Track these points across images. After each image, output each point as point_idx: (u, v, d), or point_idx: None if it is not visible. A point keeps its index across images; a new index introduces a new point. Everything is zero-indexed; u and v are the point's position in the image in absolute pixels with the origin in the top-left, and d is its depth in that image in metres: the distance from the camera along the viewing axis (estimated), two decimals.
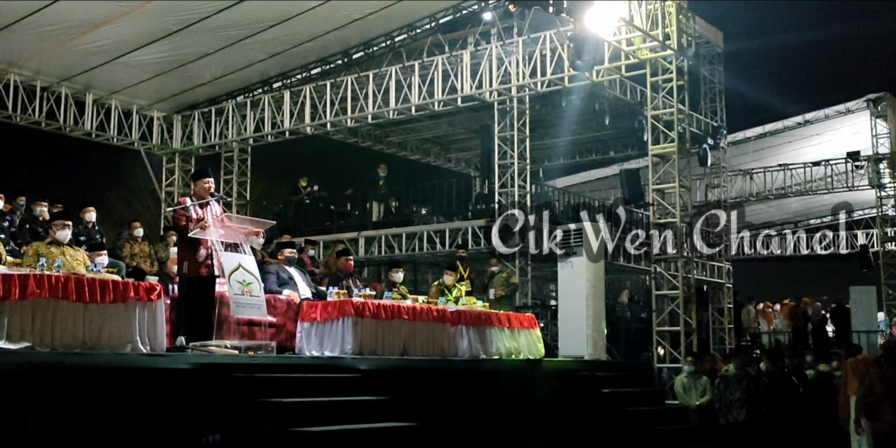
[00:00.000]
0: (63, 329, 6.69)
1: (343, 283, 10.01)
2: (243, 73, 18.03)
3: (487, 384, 9.66)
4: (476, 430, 9.05)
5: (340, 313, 8.73)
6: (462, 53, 16.05)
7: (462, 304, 10.73)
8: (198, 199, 8.43)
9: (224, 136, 18.85)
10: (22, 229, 11.14)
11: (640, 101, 17.05)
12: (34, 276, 6.62)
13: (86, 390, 6.28)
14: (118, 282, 7.21)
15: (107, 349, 6.91)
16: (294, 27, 15.97)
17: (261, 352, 8.12)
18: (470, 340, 10.08)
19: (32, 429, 5.96)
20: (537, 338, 11.46)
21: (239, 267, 8.19)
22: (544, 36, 14.99)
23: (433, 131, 21.77)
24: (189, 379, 6.81)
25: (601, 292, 12.60)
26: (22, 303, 6.48)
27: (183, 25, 15.26)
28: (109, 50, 15.90)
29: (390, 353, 9.05)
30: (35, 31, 14.85)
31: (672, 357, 13.86)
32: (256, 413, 6.80)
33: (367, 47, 17.75)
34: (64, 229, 8.11)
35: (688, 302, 14.02)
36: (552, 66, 14.94)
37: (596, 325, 12.14)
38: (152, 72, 17.13)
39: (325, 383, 7.57)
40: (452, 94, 16.06)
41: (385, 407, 7.56)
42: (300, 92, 17.73)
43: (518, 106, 16.83)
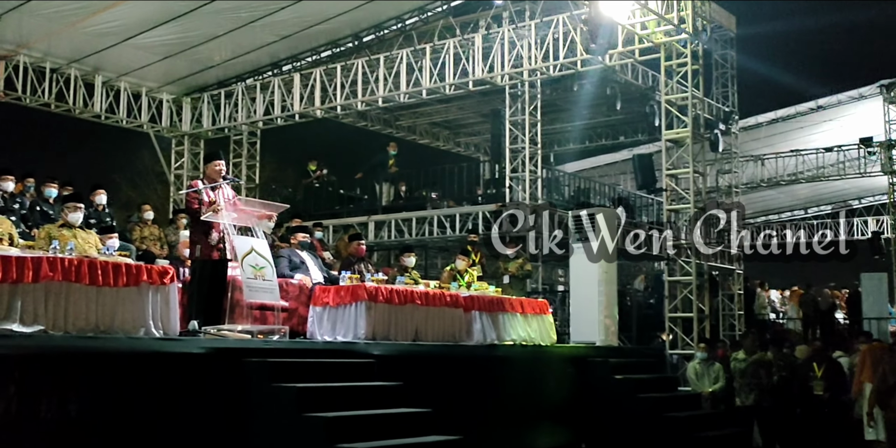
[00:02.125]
0: (76, 312, 6.64)
1: (355, 268, 9.95)
2: (253, 56, 17.92)
3: (500, 370, 9.61)
4: (489, 416, 9.01)
5: (353, 298, 8.68)
6: (474, 37, 15.91)
7: (474, 289, 10.68)
8: (210, 182, 8.35)
9: (233, 118, 18.77)
10: (32, 211, 11.09)
11: (653, 86, 16.92)
12: (47, 259, 6.56)
13: (99, 374, 6.23)
14: (131, 265, 7.15)
15: (120, 333, 6.86)
16: (304, 9, 15.84)
17: (273, 336, 8.08)
18: (483, 326, 10.03)
19: (45, 411, 5.92)
20: (550, 324, 11.42)
21: (252, 251, 8.13)
22: (557, 19, 14.84)
23: (443, 115, 21.68)
24: (202, 363, 6.76)
25: (613, 278, 12.52)
26: (35, 286, 6.42)
27: (193, 7, 15.15)
28: (119, 32, 15.79)
29: (403, 338, 9.00)
30: (44, 12, 14.75)
31: (684, 343, 13.79)
32: (270, 398, 6.75)
33: (378, 30, 17.62)
34: (76, 212, 8.04)
35: (701, 288, 13.93)
36: (565, 50, 14.80)
37: (608, 311, 12.08)
38: (162, 54, 17.03)
39: (338, 368, 7.51)
40: (463, 77, 15.93)
41: (398, 392, 7.51)
42: (310, 75, 17.62)
43: (529, 90, 16.71)
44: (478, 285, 10.95)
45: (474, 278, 11.65)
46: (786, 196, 27.64)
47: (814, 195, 28.16)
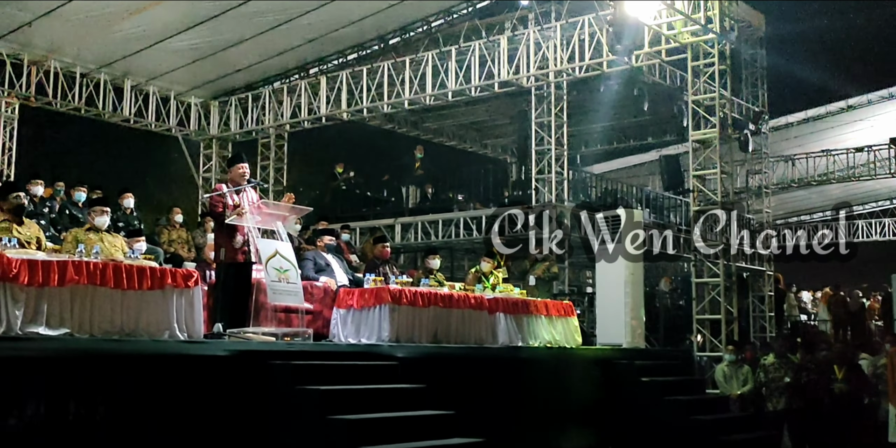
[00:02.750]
0: (101, 316, 6.70)
1: (380, 270, 9.96)
2: (280, 59, 18.01)
3: (525, 372, 9.58)
4: (514, 419, 8.98)
5: (377, 300, 8.68)
6: (499, 38, 15.88)
7: (499, 291, 10.65)
8: (233, 185, 8.40)
9: (261, 122, 18.87)
10: (61, 215, 11.23)
11: (681, 86, 16.79)
12: (73, 263, 6.62)
13: (125, 376, 6.28)
14: (155, 268, 7.20)
15: (145, 336, 6.92)
16: (331, 12, 15.89)
17: (298, 339, 8.10)
18: (507, 328, 10.00)
19: (73, 413, 5.98)
20: (575, 326, 11.36)
21: (276, 253, 8.16)
22: (583, 20, 14.78)
23: (470, 117, 21.66)
24: (226, 366, 6.79)
25: (640, 279, 12.44)
26: (61, 289, 6.49)
27: (220, 11, 15.24)
28: (147, 36, 15.93)
29: (427, 340, 8.99)
30: (74, 17, 14.91)
31: (712, 345, 13.67)
32: (294, 400, 6.77)
33: (404, 33, 17.63)
34: (102, 215, 8.12)
35: (728, 290, 13.81)
36: (591, 51, 14.74)
37: (634, 312, 11.99)
38: (190, 58, 17.16)
39: (362, 371, 7.52)
40: (489, 79, 15.91)
41: (422, 395, 7.50)
42: (336, 78, 17.68)
43: (555, 91, 16.66)
44: (503, 287, 10.92)
45: (499, 280, 11.62)
46: (817, 196, 27.34)
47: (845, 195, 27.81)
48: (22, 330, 6.26)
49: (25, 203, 7.96)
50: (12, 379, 5.73)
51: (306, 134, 20.01)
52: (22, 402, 5.74)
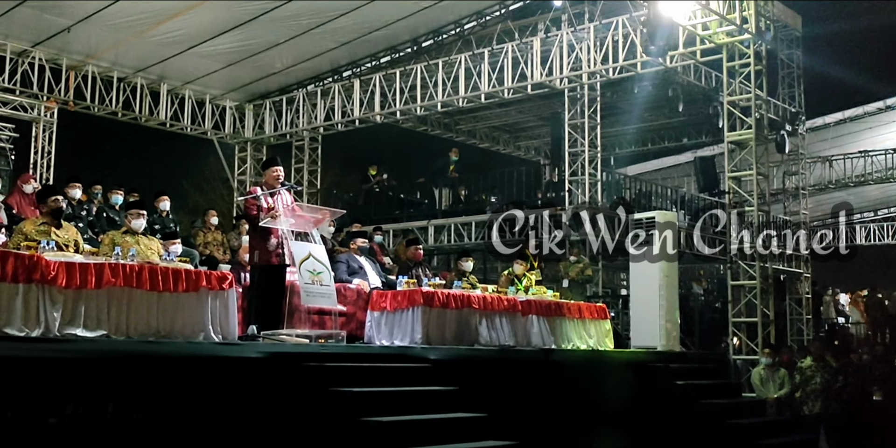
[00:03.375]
0: (138, 317, 6.78)
1: (412, 273, 9.98)
2: (313, 62, 18.12)
3: (558, 375, 9.53)
4: (546, 422, 8.94)
5: (410, 303, 8.69)
6: (532, 40, 15.85)
7: (532, 293, 10.62)
8: (268, 188, 8.45)
9: (295, 124, 19.00)
10: (99, 218, 11.36)
11: (716, 87, 16.66)
12: (109, 265, 6.71)
13: (160, 378, 6.35)
14: (190, 271, 7.27)
15: (180, 338, 6.99)
16: (364, 15, 15.98)
17: (331, 341, 8.12)
18: (540, 330, 9.97)
19: (111, 414, 6.06)
20: (608, 329, 11.30)
21: (309, 256, 8.19)
22: (616, 21, 14.71)
23: (503, 119, 21.64)
24: (260, 368, 6.84)
25: (674, 282, 12.36)
26: (98, 291, 6.58)
27: (254, 15, 15.38)
28: (183, 40, 16.11)
29: (460, 343, 8.99)
30: (111, 23, 15.12)
31: (749, 348, 13.53)
32: (327, 402, 6.80)
33: (437, 35, 17.68)
34: (138, 218, 8.21)
35: (765, 292, 13.66)
36: (624, 52, 14.66)
37: (669, 315, 11.92)
38: (224, 62, 17.32)
39: (395, 373, 7.54)
40: (522, 81, 15.88)
41: (455, 397, 7.50)
42: (370, 80, 17.75)
43: (589, 93, 16.57)
44: (536, 289, 10.89)
45: (532, 282, 11.59)
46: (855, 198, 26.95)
47: (883, 196, 27.42)
48: (60, 331, 6.36)
49: (64, 206, 8.08)
50: (52, 379, 5.81)
51: (340, 136, 20.10)
52: (61, 402, 5.82)
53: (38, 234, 7.32)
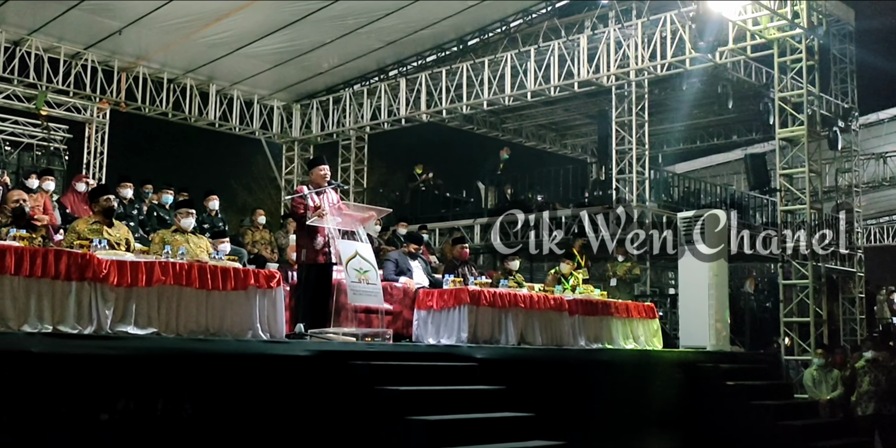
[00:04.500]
0: (187, 315, 6.86)
1: (459, 271, 9.97)
2: (360, 62, 18.19)
3: (605, 374, 9.45)
4: (594, 422, 8.88)
5: (456, 301, 8.69)
6: (579, 37, 15.74)
7: (579, 292, 10.55)
8: (314, 186, 8.49)
9: (341, 124, 19.09)
10: (149, 217, 11.51)
11: (766, 83, 16.39)
12: (160, 264, 6.80)
13: (209, 375, 6.41)
14: (239, 269, 7.34)
15: (229, 336, 7.05)
16: (409, 15, 15.99)
17: (378, 339, 8.15)
18: (587, 329, 9.90)
19: (161, 410, 6.13)
20: (656, 329, 11.19)
21: (356, 254, 8.22)
22: (664, 17, 14.54)
23: (549, 117, 21.53)
24: (307, 366, 6.87)
25: (724, 281, 12.20)
26: (149, 289, 6.67)
27: (301, 15, 15.48)
28: (231, 41, 16.28)
29: (507, 342, 8.96)
30: (161, 25, 15.32)
31: (800, 349, 13.29)
32: (373, 401, 6.81)
33: (483, 33, 17.63)
34: (188, 217, 8.31)
35: (817, 291, 13.40)
36: (672, 49, 14.49)
37: (719, 314, 11.76)
38: (272, 62, 17.46)
39: (441, 372, 7.53)
40: (569, 79, 15.77)
41: (502, 396, 7.47)
42: (416, 79, 17.77)
43: (636, 90, 16.40)
44: (583, 288, 10.81)
45: (579, 281, 11.52)
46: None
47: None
48: (112, 329, 6.46)
49: (116, 205, 8.20)
50: (104, 376, 5.90)
51: (385, 136, 20.16)
52: (113, 399, 5.91)
53: (91, 232, 7.43)
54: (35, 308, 6.16)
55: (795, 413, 10.61)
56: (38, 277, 6.18)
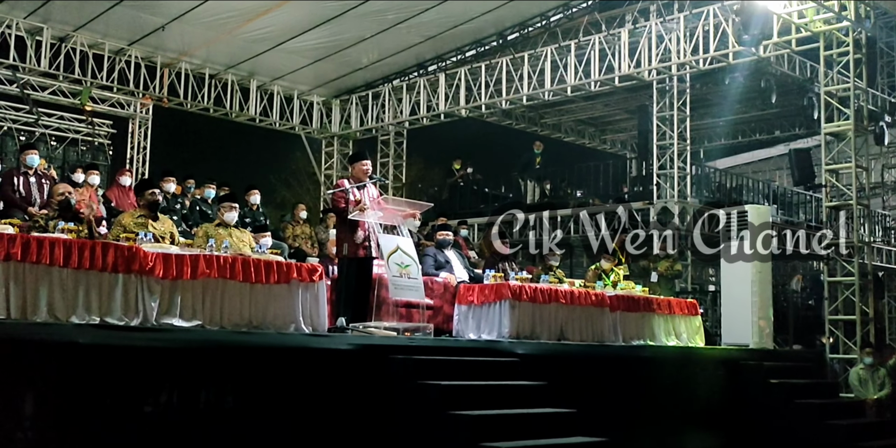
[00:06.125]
0: (231, 308, 6.91)
1: (499, 266, 9.93)
2: (399, 57, 18.21)
3: (647, 371, 9.37)
4: (635, 418, 8.80)
5: (497, 296, 8.66)
6: (620, 32, 15.60)
7: (620, 288, 10.47)
8: (355, 181, 8.50)
9: (380, 119, 19.14)
10: (192, 211, 11.61)
11: (811, 77, 16.15)
12: (204, 257, 6.86)
13: (252, 367, 6.44)
14: (282, 263, 7.37)
15: (271, 329, 7.09)
16: (449, 9, 15.98)
17: (418, 334, 8.14)
18: (629, 326, 9.82)
19: (204, 402, 6.17)
20: (698, 325, 11.08)
21: (397, 249, 8.22)
22: (707, 10, 14.36)
23: (589, 112, 21.40)
24: (349, 360, 6.88)
25: (768, 278, 12.01)
26: (193, 282, 6.73)
27: (341, 11, 15.54)
28: (272, 37, 16.38)
29: (547, 337, 8.92)
30: (203, 21, 15.47)
31: (846, 347, 13.09)
32: (414, 395, 6.80)
33: (522, 28, 17.57)
34: (231, 211, 8.36)
35: (864, 289, 13.18)
36: (715, 43, 14.31)
37: (762, 312, 11.59)
38: (312, 58, 17.54)
39: (482, 367, 7.50)
40: (609, 73, 15.66)
41: (543, 392, 7.42)
42: (455, 74, 17.75)
43: (678, 85, 16.24)
44: (624, 285, 10.74)
45: (620, 277, 11.43)
46: None
47: None
48: (157, 321, 6.53)
49: (160, 199, 8.27)
50: (148, 368, 5.95)
51: (424, 131, 20.15)
52: (157, 390, 5.95)
53: (136, 226, 7.51)
54: (83, 300, 6.24)
55: (841, 412, 10.44)
56: (87, 270, 6.26)
